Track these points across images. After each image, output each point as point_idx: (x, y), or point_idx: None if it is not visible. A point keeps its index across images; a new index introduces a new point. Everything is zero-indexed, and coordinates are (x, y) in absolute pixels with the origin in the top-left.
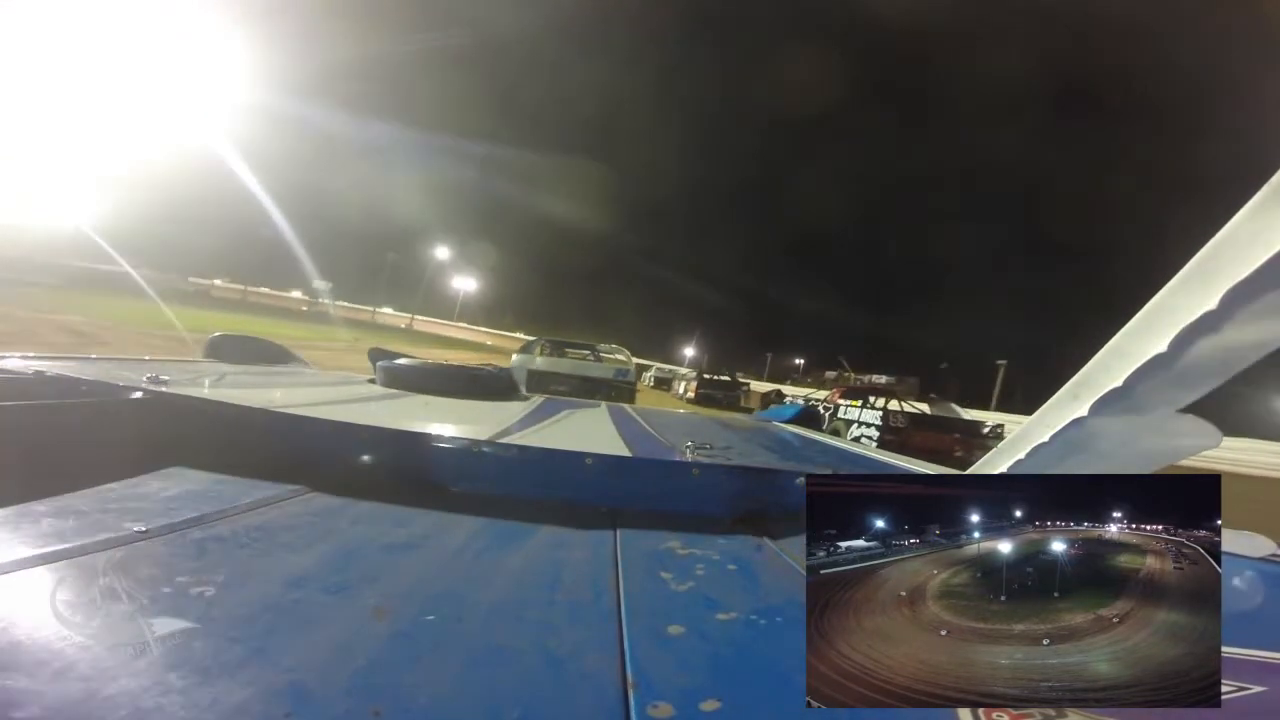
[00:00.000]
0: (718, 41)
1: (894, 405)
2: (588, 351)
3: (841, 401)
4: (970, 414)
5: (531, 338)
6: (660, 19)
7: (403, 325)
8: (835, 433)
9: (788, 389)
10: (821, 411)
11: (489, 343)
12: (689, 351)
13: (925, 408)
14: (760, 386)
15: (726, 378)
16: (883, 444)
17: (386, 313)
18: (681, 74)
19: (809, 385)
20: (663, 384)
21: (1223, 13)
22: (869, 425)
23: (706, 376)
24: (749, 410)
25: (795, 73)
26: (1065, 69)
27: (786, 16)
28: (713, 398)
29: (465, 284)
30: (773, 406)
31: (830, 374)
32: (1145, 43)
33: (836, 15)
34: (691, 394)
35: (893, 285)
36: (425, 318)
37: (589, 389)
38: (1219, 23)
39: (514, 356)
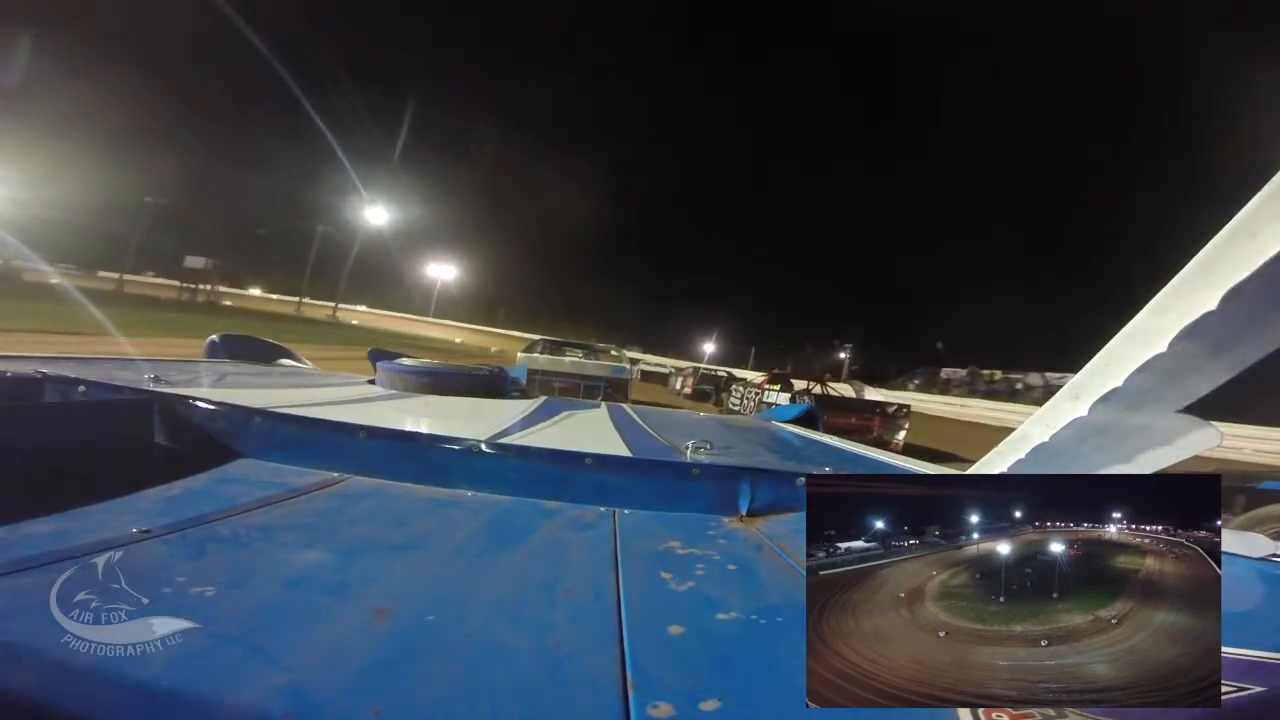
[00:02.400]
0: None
1: (815, 390)
2: (586, 351)
3: (767, 387)
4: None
5: (510, 333)
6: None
7: (324, 316)
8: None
9: (751, 374)
10: (753, 395)
11: (458, 340)
12: (709, 347)
13: (849, 391)
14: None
15: (723, 374)
16: None
17: (347, 309)
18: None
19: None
20: (651, 378)
21: (1222, 12)
22: (780, 405)
23: (703, 371)
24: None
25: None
26: (1062, 66)
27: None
28: (707, 393)
29: (443, 273)
30: (724, 398)
31: (956, 371)
32: (1144, 41)
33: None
34: (689, 389)
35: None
36: (384, 312)
37: (589, 386)
38: (1219, 22)
39: (519, 355)
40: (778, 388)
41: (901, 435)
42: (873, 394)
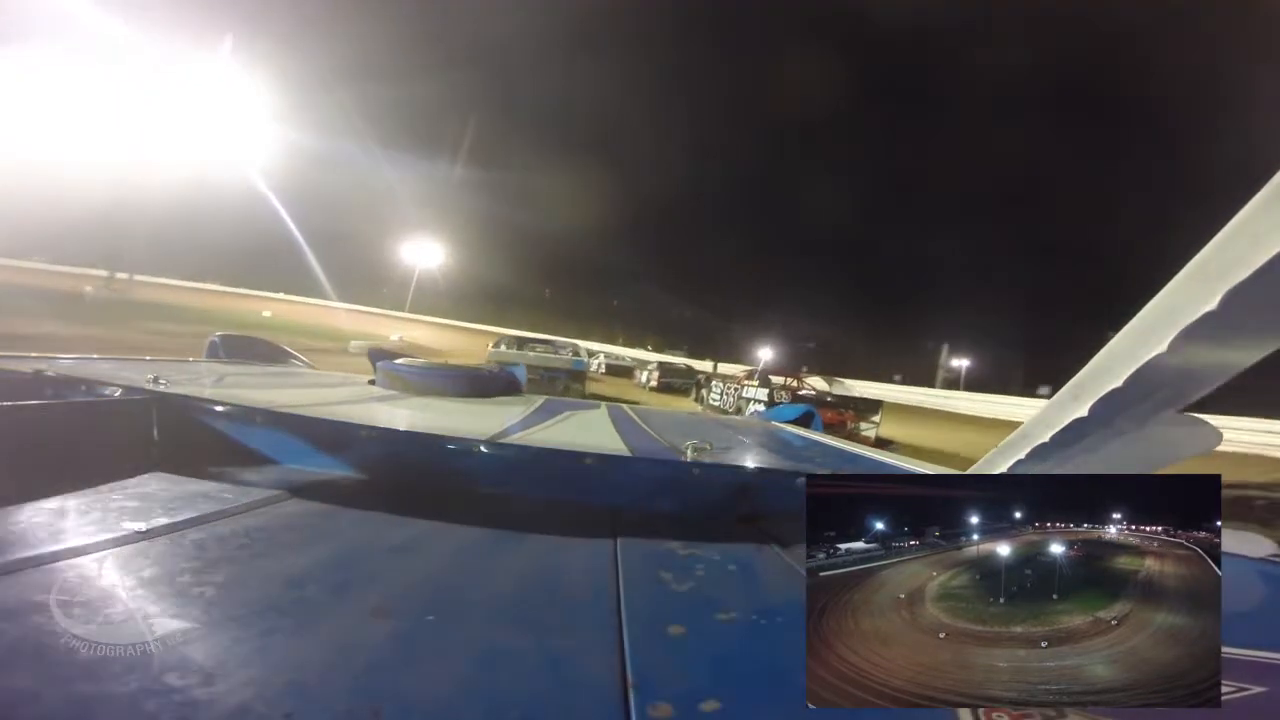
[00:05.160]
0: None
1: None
2: (547, 346)
3: (746, 383)
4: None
5: (514, 332)
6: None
7: (99, 289)
8: (738, 410)
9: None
10: (733, 391)
11: (395, 337)
12: (765, 354)
13: (826, 386)
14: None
15: (681, 365)
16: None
17: (293, 300)
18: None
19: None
20: (617, 371)
21: (1223, 12)
22: (759, 401)
23: (666, 366)
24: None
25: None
26: (1062, 66)
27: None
28: (673, 385)
29: (424, 261)
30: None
31: None
32: (1144, 41)
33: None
34: (655, 383)
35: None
36: (350, 306)
37: (549, 378)
38: (1219, 22)
39: (489, 350)
40: (756, 384)
41: (865, 427)
42: (840, 389)
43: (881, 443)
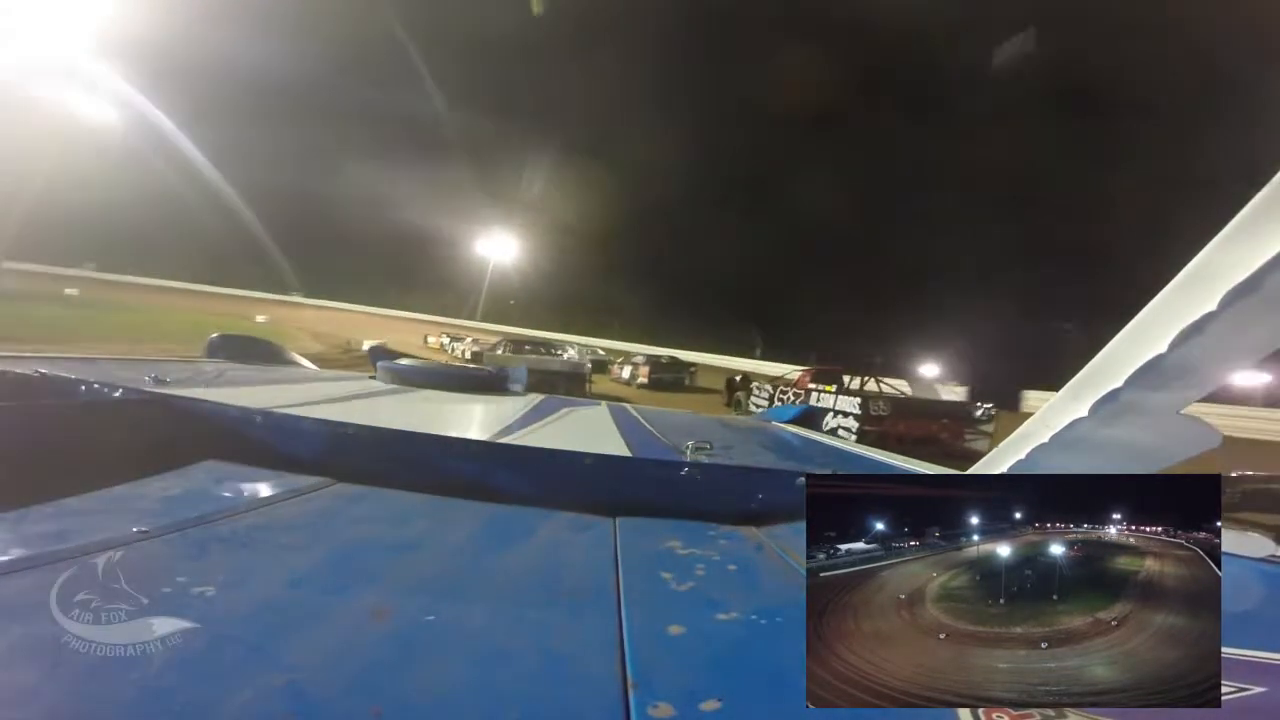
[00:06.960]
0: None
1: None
2: (546, 349)
3: (812, 387)
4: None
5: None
6: None
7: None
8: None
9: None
10: (792, 398)
11: (365, 346)
12: (927, 370)
13: (905, 388)
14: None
15: (668, 359)
16: (863, 437)
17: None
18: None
19: None
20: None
21: (1222, 12)
22: (846, 415)
23: (654, 359)
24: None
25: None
26: (1062, 66)
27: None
28: (664, 381)
29: (499, 254)
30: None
31: None
32: (1144, 40)
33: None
34: (643, 378)
35: None
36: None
37: (548, 380)
38: (1219, 22)
39: (484, 355)
40: (832, 388)
41: (973, 438)
42: (927, 392)
43: None
